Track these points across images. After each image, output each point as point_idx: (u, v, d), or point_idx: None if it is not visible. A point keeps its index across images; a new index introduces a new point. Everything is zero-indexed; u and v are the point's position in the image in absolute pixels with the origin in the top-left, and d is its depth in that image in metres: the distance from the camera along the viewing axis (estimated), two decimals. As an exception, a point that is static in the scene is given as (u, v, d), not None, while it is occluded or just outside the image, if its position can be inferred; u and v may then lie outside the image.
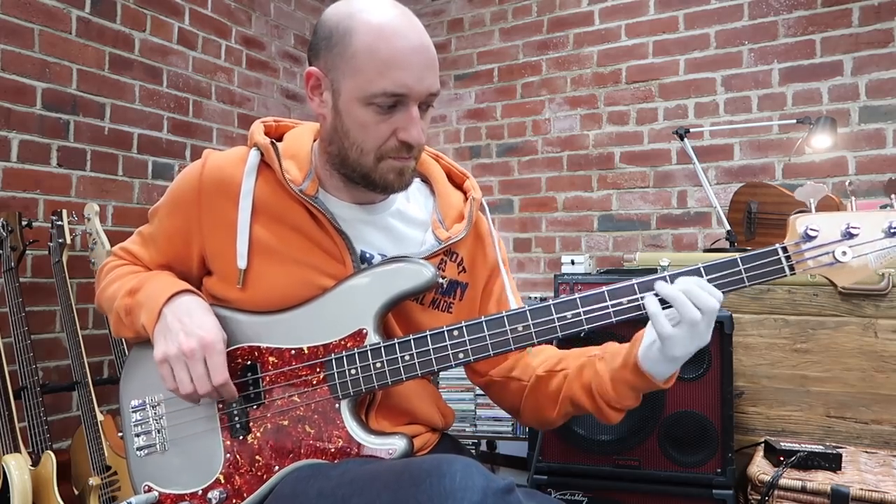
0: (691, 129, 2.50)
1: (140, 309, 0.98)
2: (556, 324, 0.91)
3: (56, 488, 1.79)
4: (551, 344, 1.08)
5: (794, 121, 2.52)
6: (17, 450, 1.81)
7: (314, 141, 1.06)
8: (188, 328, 0.91)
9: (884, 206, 1.97)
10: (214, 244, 1.01)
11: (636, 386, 0.94)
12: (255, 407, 0.96)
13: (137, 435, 1.01)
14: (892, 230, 0.86)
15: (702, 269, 0.89)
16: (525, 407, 1.08)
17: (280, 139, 1.05)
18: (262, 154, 1.01)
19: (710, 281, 0.88)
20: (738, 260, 0.88)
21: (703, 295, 0.86)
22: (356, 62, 0.90)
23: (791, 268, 0.88)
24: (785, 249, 0.88)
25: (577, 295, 0.90)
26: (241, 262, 0.97)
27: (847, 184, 2.35)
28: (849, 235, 0.87)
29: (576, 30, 3.23)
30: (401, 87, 0.90)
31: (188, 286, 1.00)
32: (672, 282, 0.89)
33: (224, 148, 1.09)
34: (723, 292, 0.88)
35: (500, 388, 1.11)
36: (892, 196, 0.99)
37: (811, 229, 0.87)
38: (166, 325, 0.93)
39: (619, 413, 0.98)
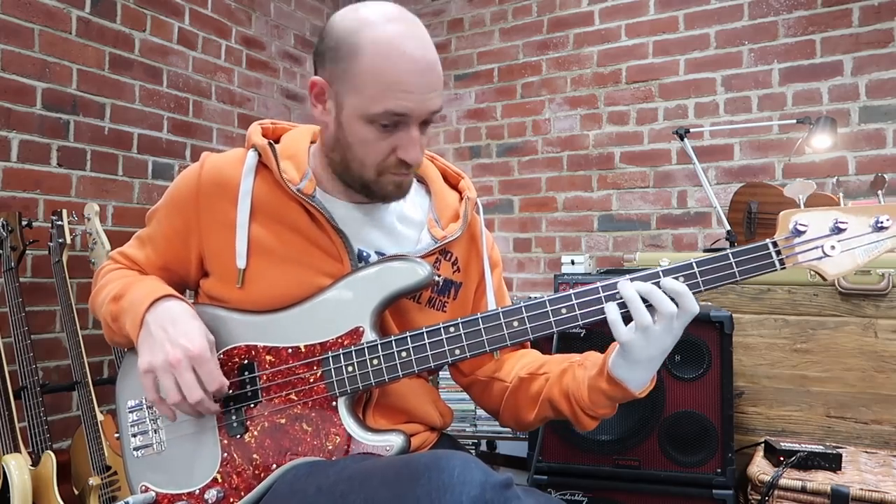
0: (691, 129, 2.49)
1: (125, 315, 0.98)
2: (551, 319, 0.91)
3: (56, 488, 1.79)
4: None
5: (794, 121, 2.52)
6: (17, 450, 1.81)
7: (311, 143, 1.07)
8: (172, 338, 0.90)
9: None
10: (213, 244, 1.01)
11: (610, 394, 0.93)
12: (252, 406, 0.96)
13: (134, 435, 1.00)
14: (879, 225, 0.88)
15: (694, 264, 0.89)
16: (505, 407, 1.08)
17: (277, 141, 1.06)
18: (259, 155, 1.02)
19: (701, 275, 0.88)
20: (730, 254, 0.89)
21: (661, 298, 0.85)
22: (360, 80, 0.90)
23: (781, 262, 0.89)
24: (775, 244, 0.89)
25: (571, 290, 0.91)
26: (241, 262, 0.98)
27: (836, 184, 2.36)
28: (837, 230, 0.89)
29: (576, 30, 3.23)
30: (403, 108, 0.90)
31: (171, 291, 0.99)
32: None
33: (224, 148, 1.10)
34: (715, 287, 0.88)
35: (482, 388, 1.11)
36: (879, 192, 1.00)
37: (800, 224, 0.89)
38: (150, 334, 0.92)
39: (593, 420, 0.98)
